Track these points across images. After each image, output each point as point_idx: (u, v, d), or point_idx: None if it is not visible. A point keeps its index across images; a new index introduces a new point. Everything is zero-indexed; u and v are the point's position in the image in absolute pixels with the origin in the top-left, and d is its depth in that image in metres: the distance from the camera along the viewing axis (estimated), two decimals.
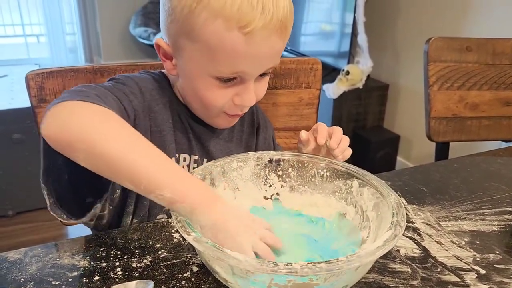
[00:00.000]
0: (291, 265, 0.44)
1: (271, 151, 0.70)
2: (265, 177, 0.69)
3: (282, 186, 0.69)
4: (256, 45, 0.62)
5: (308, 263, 0.44)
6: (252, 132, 0.86)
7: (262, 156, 0.68)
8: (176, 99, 0.75)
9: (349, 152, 0.71)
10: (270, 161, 0.69)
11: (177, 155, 0.75)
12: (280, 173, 0.69)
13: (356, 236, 0.61)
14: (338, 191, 0.67)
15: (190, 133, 0.76)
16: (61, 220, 0.57)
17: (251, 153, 0.68)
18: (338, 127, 0.71)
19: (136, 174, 0.51)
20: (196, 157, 0.76)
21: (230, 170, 0.66)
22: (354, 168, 0.65)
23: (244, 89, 0.67)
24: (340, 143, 0.69)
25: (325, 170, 0.68)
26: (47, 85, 0.80)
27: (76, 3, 3.52)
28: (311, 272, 0.43)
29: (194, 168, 0.75)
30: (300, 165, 0.69)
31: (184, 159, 0.75)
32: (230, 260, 0.45)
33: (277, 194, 0.69)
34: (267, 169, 0.69)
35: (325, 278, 0.47)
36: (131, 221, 0.74)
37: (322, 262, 0.44)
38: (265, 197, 0.69)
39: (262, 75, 0.69)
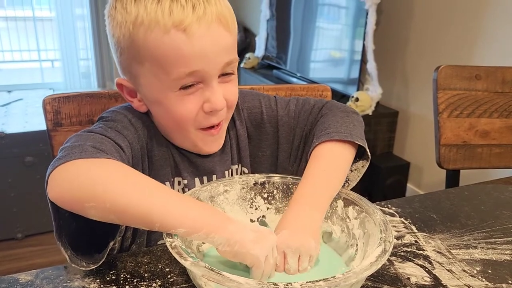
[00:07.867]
0: (291, 285, 0.45)
1: (256, 174, 0.71)
2: (251, 200, 0.70)
3: (268, 208, 0.70)
4: (198, 40, 0.62)
5: (307, 282, 0.45)
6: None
7: (247, 179, 0.70)
8: None
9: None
10: (256, 184, 0.70)
11: (172, 179, 0.75)
12: (265, 195, 0.70)
13: (343, 254, 0.63)
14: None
15: (179, 155, 0.75)
16: (82, 268, 0.58)
17: (236, 177, 0.70)
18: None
19: (149, 219, 0.53)
20: (186, 182, 0.75)
21: (216, 194, 0.67)
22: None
23: (210, 93, 0.66)
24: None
25: None
26: (63, 110, 0.82)
27: (90, 29, 3.61)
28: None
29: (187, 189, 0.75)
30: (285, 187, 0.70)
31: (179, 183, 0.76)
32: (230, 283, 0.45)
33: (263, 216, 0.70)
34: (253, 192, 0.70)
35: None
36: (130, 246, 0.74)
37: (320, 280, 0.45)
38: (251, 220, 0.70)
39: (225, 75, 0.68)
